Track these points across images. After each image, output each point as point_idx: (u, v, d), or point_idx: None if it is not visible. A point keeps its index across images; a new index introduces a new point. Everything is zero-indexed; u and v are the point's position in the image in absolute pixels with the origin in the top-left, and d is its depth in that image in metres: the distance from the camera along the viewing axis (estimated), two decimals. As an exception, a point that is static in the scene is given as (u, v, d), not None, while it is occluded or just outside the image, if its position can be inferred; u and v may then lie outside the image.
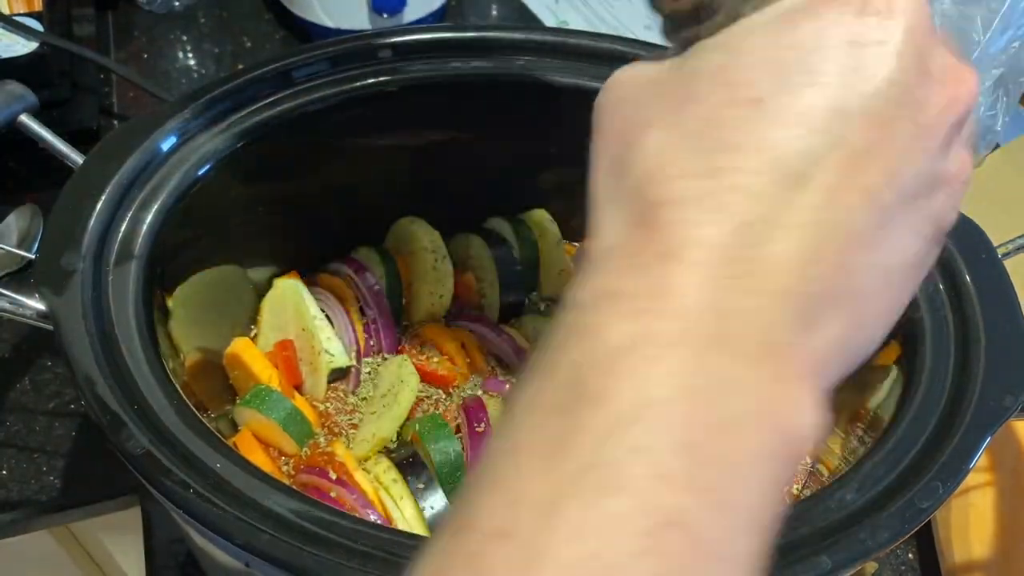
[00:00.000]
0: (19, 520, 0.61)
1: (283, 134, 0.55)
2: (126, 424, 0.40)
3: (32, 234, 0.72)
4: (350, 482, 0.52)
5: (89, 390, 0.41)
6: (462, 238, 0.66)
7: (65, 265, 0.45)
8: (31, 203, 0.73)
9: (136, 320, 0.45)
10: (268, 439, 0.55)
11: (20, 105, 0.53)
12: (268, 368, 0.57)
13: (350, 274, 0.62)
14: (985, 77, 0.71)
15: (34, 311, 0.43)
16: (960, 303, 0.48)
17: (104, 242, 0.47)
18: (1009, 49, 0.71)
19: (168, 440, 0.40)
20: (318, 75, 0.55)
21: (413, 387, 0.57)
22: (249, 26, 0.93)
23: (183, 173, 0.51)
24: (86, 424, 0.64)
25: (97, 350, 0.42)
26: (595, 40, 0.59)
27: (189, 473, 0.39)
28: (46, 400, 0.65)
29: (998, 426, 0.43)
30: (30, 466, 0.62)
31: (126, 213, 0.48)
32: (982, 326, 0.46)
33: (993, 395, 0.43)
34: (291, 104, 0.54)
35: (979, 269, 0.48)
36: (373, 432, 0.56)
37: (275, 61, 0.55)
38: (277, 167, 0.57)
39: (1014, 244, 0.50)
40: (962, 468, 0.41)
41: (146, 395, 0.42)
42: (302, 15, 0.88)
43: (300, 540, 0.37)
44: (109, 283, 0.46)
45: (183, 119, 0.52)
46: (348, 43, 0.56)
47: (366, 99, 0.56)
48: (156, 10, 0.93)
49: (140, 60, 0.89)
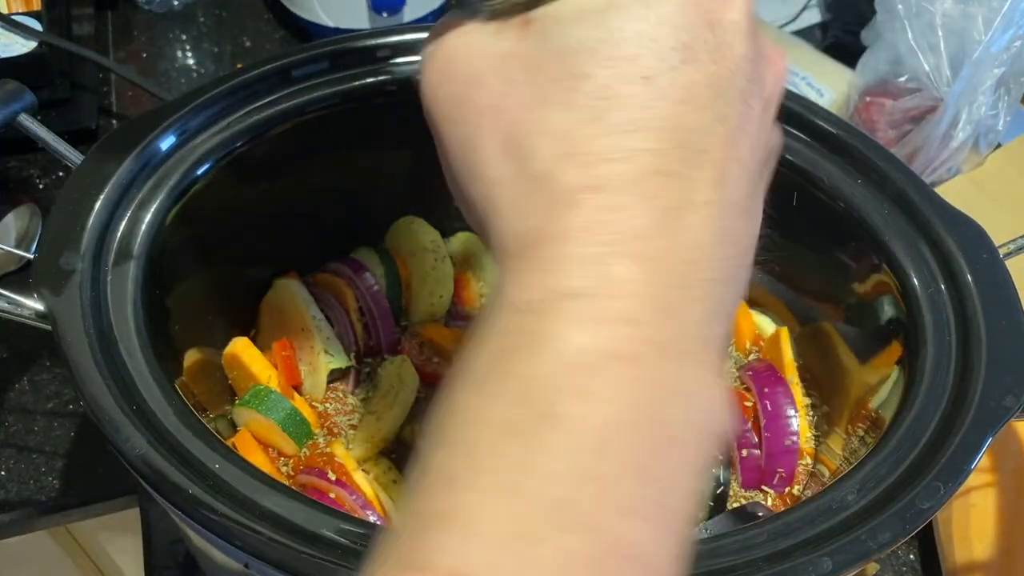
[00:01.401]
0: (18, 520, 0.61)
1: (283, 134, 0.55)
2: (125, 424, 0.40)
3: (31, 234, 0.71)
4: (349, 483, 0.52)
5: (88, 390, 0.41)
6: (462, 238, 0.66)
7: (64, 265, 0.45)
8: (30, 203, 0.73)
9: (135, 320, 0.45)
10: (267, 440, 0.55)
11: (19, 105, 0.53)
12: (267, 368, 0.57)
13: (350, 274, 0.62)
14: (986, 76, 0.71)
15: (33, 311, 0.43)
16: (961, 303, 0.47)
17: (103, 242, 0.47)
18: (1011, 48, 0.71)
19: (167, 440, 0.40)
20: (318, 75, 0.55)
21: (413, 387, 0.57)
22: (249, 26, 0.93)
23: (182, 173, 0.51)
24: (85, 424, 0.64)
25: (96, 350, 0.42)
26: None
27: (188, 474, 0.39)
28: (45, 400, 0.65)
29: (999, 426, 0.42)
30: (29, 466, 0.62)
31: (125, 213, 0.48)
32: (983, 326, 0.46)
33: (994, 395, 0.43)
34: (291, 104, 0.54)
35: (981, 269, 0.48)
36: (372, 433, 0.55)
37: (275, 61, 0.55)
38: (277, 167, 0.56)
39: (1016, 244, 0.50)
40: (963, 469, 0.41)
41: (145, 395, 0.42)
42: (302, 15, 0.88)
43: (299, 541, 0.37)
44: (108, 283, 0.46)
45: (182, 119, 0.52)
46: (348, 43, 0.56)
47: (366, 99, 0.56)
48: (155, 9, 0.93)
49: (139, 59, 0.89)
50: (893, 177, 0.52)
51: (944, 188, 0.76)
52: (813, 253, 0.57)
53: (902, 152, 0.74)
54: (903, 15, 0.71)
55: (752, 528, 0.39)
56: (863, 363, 0.54)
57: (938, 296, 0.48)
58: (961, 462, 0.41)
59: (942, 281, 0.49)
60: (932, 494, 0.40)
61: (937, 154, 0.74)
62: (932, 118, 0.72)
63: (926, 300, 0.48)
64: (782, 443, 0.54)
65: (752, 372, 0.58)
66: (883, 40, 0.74)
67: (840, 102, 0.79)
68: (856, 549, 0.38)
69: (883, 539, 0.38)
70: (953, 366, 0.46)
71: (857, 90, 0.76)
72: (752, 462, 0.55)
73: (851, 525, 0.39)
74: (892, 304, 0.51)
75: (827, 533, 0.39)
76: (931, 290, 0.49)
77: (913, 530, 0.39)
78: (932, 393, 0.45)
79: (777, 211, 0.57)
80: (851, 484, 0.41)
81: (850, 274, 0.54)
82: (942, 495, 0.40)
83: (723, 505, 0.53)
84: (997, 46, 0.70)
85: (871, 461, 0.42)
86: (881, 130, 0.75)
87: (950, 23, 0.70)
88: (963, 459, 0.41)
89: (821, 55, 0.83)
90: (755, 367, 0.59)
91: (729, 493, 0.53)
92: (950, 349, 0.46)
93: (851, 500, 0.40)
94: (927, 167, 0.75)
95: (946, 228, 0.50)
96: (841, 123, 0.55)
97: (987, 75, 0.71)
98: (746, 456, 0.55)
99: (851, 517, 0.40)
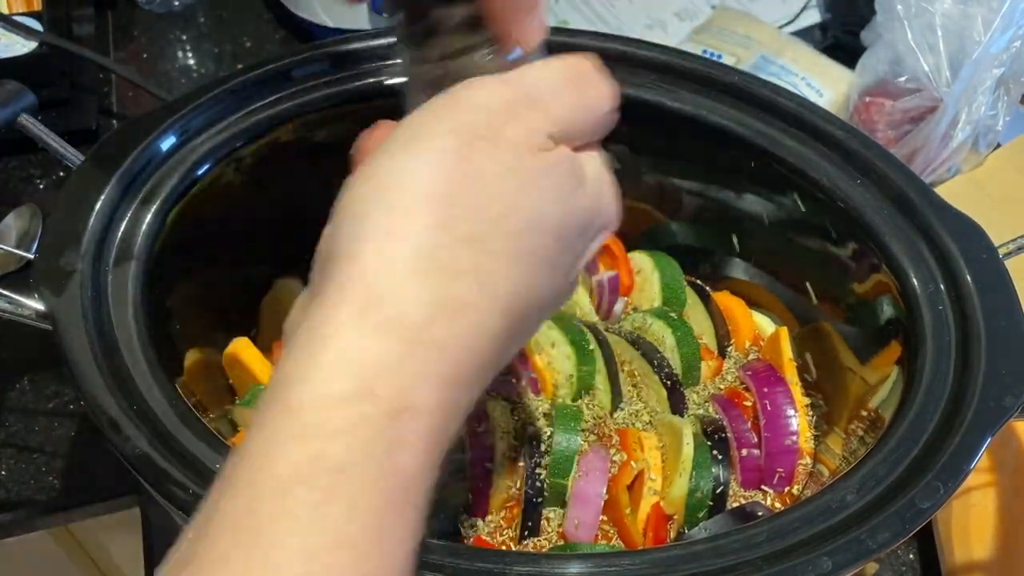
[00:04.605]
0: (18, 520, 0.61)
1: (283, 134, 0.55)
2: (125, 424, 0.40)
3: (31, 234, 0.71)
4: (350, 482, 0.52)
5: (88, 390, 0.41)
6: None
7: (64, 265, 0.45)
8: (30, 203, 0.73)
9: (135, 320, 0.45)
10: (268, 439, 0.55)
11: (20, 105, 0.53)
12: (267, 368, 0.57)
13: (350, 274, 0.62)
14: (986, 76, 0.71)
15: (33, 311, 0.43)
16: (961, 303, 0.47)
17: (103, 242, 0.47)
18: (1010, 48, 0.71)
19: (167, 441, 0.40)
20: (318, 75, 0.55)
21: (413, 387, 0.57)
22: (249, 26, 0.93)
23: (182, 173, 0.51)
24: (85, 424, 0.64)
25: (96, 350, 0.42)
26: (596, 39, 0.59)
27: (188, 474, 0.39)
28: (45, 400, 0.65)
29: (999, 426, 0.42)
30: (29, 466, 0.62)
31: (125, 213, 0.48)
32: (983, 326, 0.46)
33: (994, 395, 0.43)
34: (291, 104, 0.54)
35: (980, 269, 0.48)
36: (373, 432, 0.55)
37: (274, 61, 0.55)
38: (277, 167, 0.56)
39: (1015, 244, 0.50)
40: (963, 468, 0.41)
41: (145, 395, 0.42)
42: (302, 15, 0.88)
43: (299, 541, 0.37)
44: (108, 283, 0.46)
45: (183, 119, 0.52)
46: (348, 43, 0.56)
47: (366, 99, 0.56)
48: (156, 10, 0.93)
49: (140, 60, 0.89)
50: (893, 177, 0.52)
51: (944, 188, 0.76)
52: (813, 253, 0.57)
53: (902, 152, 0.74)
54: (903, 15, 0.71)
55: (752, 528, 0.39)
56: (863, 363, 0.54)
57: (938, 296, 0.48)
58: (961, 462, 0.41)
59: (942, 281, 0.49)
60: (931, 494, 0.40)
61: (937, 154, 0.74)
62: (932, 118, 0.72)
63: (926, 300, 0.48)
64: (782, 443, 0.54)
65: (752, 372, 0.58)
66: (883, 40, 0.74)
67: (840, 102, 0.79)
68: (856, 549, 0.38)
69: (882, 539, 0.38)
70: (953, 366, 0.46)
71: (857, 90, 0.76)
72: (752, 462, 0.55)
73: (850, 525, 0.39)
74: (892, 304, 0.51)
75: (827, 533, 0.39)
76: (931, 290, 0.49)
77: (912, 530, 0.39)
78: (932, 393, 0.45)
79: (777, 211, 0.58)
80: (851, 484, 0.41)
81: (850, 274, 0.54)
82: (941, 495, 0.40)
83: (723, 505, 0.53)
84: (997, 46, 0.70)
85: (870, 461, 0.42)
86: (881, 130, 0.75)
87: (950, 23, 0.70)
88: (963, 459, 0.41)
89: (821, 55, 0.83)
90: (755, 367, 0.59)
91: (729, 493, 0.53)
92: (950, 349, 0.46)
93: (850, 500, 0.40)
94: (927, 167, 0.75)
95: (946, 228, 0.50)
96: (841, 123, 0.55)
97: (987, 75, 0.71)
98: (746, 456, 0.55)
99: (850, 517, 0.40)
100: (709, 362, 0.60)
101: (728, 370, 0.60)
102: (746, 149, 0.56)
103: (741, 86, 0.56)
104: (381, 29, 0.57)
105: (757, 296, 0.63)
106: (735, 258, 0.63)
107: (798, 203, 0.56)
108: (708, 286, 0.64)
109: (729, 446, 0.54)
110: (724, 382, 0.60)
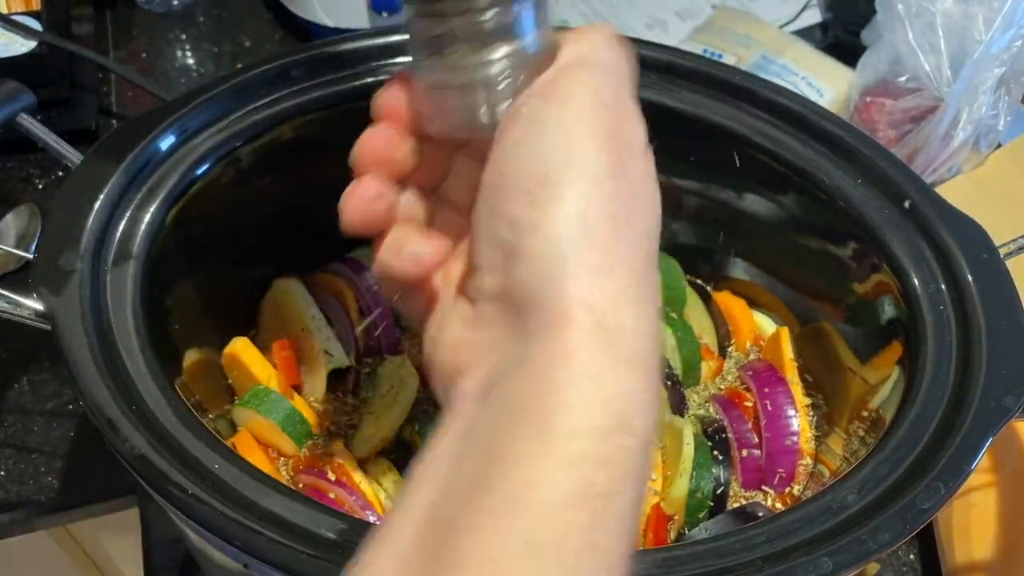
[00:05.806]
0: (17, 521, 0.61)
1: (282, 134, 0.55)
2: (124, 424, 0.40)
3: (30, 234, 0.71)
4: (349, 483, 0.52)
5: (87, 390, 0.41)
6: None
7: (63, 265, 0.45)
8: (30, 203, 0.73)
9: (134, 320, 0.45)
10: (267, 440, 0.55)
11: (18, 104, 0.53)
12: (267, 368, 0.57)
13: (350, 274, 0.62)
14: (987, 76, 0.71)
15: (32, 311, 0.43)
16: (962, 303, 0.47)
17: (102, 242, 0.47)
18: (1011, 48, 0.71)
19: (166, 441, 0.40)
20: (317, 75, 0.55)
21: (413, 387, 0.57)
22: (248, 25, 0.93)
23: (182, 173, 0.50)
24: (84, 425, 0.64)
25: (95, 350, 0.42)
26: (595, 39, 0.59)
27: (187, 474, 0.39)
28: (44, 400, 0.65)
29: (1000, 427, 0.42)
30: (28, 466, 0.62)
31: (124, 213, 0.48)
32: (984, 326, 0.46)
33: (995, 396, 0.43)
34: (290, 103, 0.54)
35: (981, 269, 0.48)
36: (372, 433, 0.55)
37: (274, 61, 0.55)
38: (277, 167, 0.56)
39: (1016, 244, 0.50)
40: (964, 469, 0.41)
41: (144, 395, 0.42)
42: (302, 14, 0.88)
43: (298, 541, 0.37)
44: (107, 283, 0.46)
45: (182, 118, 0.51)
46: (348, 42, 0.56)
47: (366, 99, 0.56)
48: (155, 9, 0.93)
49: (139, 59, 0.89)
50: (893, 177, 0.52)
51: (944, 188, 0.76)
52: (813, 253, 0.57)
53: (902, 152, 0.74)
54: (903, 15, 0.71)
55: (752, 528, 0.39)
56: (863, 363, 0.54)
57: (938, 296, 0.48)
58: (961, 462, 0.41)
59: (942, 281, 0.49)
60: (932, 494, 0.40)
61: (937, 154, 0.74)
62: (932, 118, 0.72)
63: (926, 300, 0.48)
64: (782, 443, 0.54)
65: (752, 372, 0.58)
66: (883, 40, 0.74)
67: (840, 102, 0.79)
68: (856, 549, 0.38)
69: (883, 539, 0.38)
70: (953, 366, 0.45)
71: (857, 90, 0.76)
72: (752, 462, 0.55)
73: (851, 525, 0.39)
74: (892, 304, 0.51)
75: (827, 533, 0.39)
76: (931, 290, 0.48)
77: (913, 530, 0.39)
78: (932, 393, 0.44)
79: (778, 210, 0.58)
80: (851, 484, 0.41)
81: (850, 274, 0.54)
82: (942, 495, 0.40)
83: (723, 505, 0.53)
84: (997, 46, 0.70)
85: (871, 461, 0.42)
86: (881, 130, 0.75)
87: (950, 23, 0.70)
88: (963, 459, 0.41)
89: (821, 55, 0.83)
90: (755, 367, 0.59)
91: (729, 493, 0.53)
92: (950, 349, 0.46)
93: (851, 500, 0.40)
94: (927, 167, 0.74)
95: (946, 228, 0.50)
96: (841, 123, 0.55)
97: (987, 75, 0.71)
98: (746, 456, 0.55)
99: (851, 517, 0.40)
100: (710, 362, 0.60)
101: (728, 370, 0.60)
102: (747, 149, 0.56)
103: (742, 86, 0.56)
104: (381, 29, 0.57)
105: (758, 296, 0.63)
106: (735, 258, 0.63)
107: (799, 203, 0.56)
108: (708, 286, 0.63)
109: (730, 446, 0.54)
110: (725, 382, 0.60)
